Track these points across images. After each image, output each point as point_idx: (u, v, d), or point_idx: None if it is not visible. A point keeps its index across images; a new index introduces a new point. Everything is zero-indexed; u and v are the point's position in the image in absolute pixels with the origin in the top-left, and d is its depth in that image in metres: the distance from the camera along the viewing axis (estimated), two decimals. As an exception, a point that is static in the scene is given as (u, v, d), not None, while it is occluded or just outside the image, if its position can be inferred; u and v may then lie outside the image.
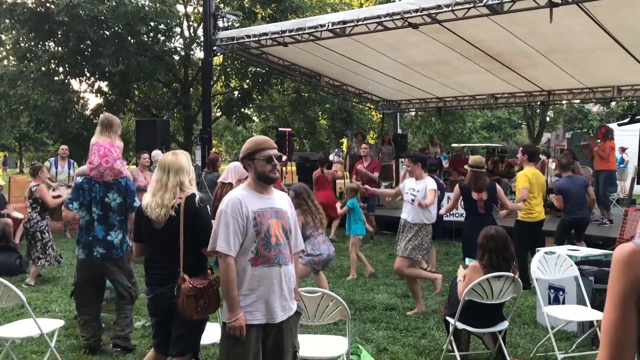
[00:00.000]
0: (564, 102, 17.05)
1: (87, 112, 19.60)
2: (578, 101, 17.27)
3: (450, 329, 4.61)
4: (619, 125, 9.60)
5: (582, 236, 7.89)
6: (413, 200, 6.34)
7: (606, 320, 1.46)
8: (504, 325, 4.60)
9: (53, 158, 11.38)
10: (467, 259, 5.23)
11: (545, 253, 5.35)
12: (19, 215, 10.38)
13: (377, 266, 8.66)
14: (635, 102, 23.23)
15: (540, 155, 7.69)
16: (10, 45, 17.57)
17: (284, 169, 15.04)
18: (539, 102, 16.23)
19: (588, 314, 4.85)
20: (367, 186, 8.40)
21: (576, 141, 21.85)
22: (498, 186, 6.76)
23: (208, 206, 3.72)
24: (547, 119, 29.61)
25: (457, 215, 10.26)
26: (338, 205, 10.05)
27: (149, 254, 3.65)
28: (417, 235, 6.27)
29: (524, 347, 5.16)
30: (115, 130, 5.03)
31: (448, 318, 4.70)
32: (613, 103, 25.08)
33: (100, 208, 4.80)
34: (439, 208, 7.92)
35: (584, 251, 5.98)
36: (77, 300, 5.05)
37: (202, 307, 3.40)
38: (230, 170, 5.72)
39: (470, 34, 10.55)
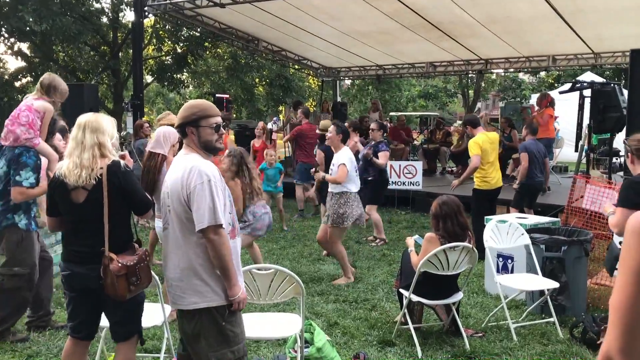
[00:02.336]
0: (501, 70, 17.29)
1: (7, 77, 18.22)
2: (512, 70, 17.59)
3: (404, 302, 4.47)
4: (560, 93, 9.71)
5: (533, 204, 7.87)
6: (331, 173, 6.28)
7: (619, 297, 1.28)
8: (459, 296, 4.50)
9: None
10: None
11: (497, 221, 5.29)
12: None
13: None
14: (562, 73, 23.91)
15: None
16: None
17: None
18: (476, 71, 16.40)
19: (540, 282, 4.82)
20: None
21: (509, 110, 22.32)
22: None
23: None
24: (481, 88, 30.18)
25: (399, 183, 10.18)
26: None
27: (69, 229, 3.20)
28: (340, 204, 6.11)
29: (475, 317, 5.10)
30: (45, 91, 4.42)
31: (402, 290, 4.56)
32: (543, 73, 25.77)
33: None
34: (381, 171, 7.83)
35: (532, 219, 5.97)
36: None
37: (135, 285, 3.05)
38: (160, 138, 4.98)
39: (412, 1, 10.41)
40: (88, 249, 3.07)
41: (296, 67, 17.70)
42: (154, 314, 3.66)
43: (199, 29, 14.11)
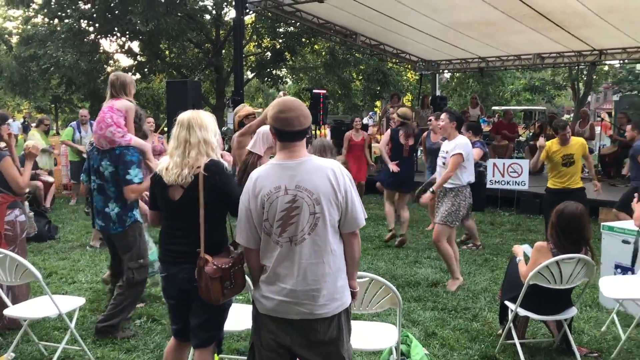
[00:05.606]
0: (617, 62, 15.99)
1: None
2: (629, 61, 16.21)
3: (510, 316, 4.12)
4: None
5: None
6: (444, 164, 5.83)
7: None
8: (572, 312, 4.08)
9: (75, 122, 11.03)
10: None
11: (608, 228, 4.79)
12: (50, 179, 10.18)
13: (418, 237, 8.20)
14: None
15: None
16: (41, 3, 17.21)
17: (318, 132, 14.52)
18: (589, 62, 15.28)
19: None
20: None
21: (625, 104, 20.71)
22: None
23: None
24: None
25: (502, 183, 9.64)
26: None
27: (165, 227, 3.17)
28: (454, 200, 5.76)
29: (589, 334, 4.64)
30: (119, 90, 4.42)
31: (507, 303, 4.21)
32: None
33: (97, 177, 4.37)
34: (479, 173, 7.36)
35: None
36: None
37: (229, 289, 2.95)
38: (259, 137, 4.92)
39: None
40: (183, 248, 3.03)
41: (394, 60, 17.32)
42: (240, 317, 3.56)
43: (297, 25, 14.11)
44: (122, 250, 4.49)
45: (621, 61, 15.34)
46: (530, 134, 16.56)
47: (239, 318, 3.52)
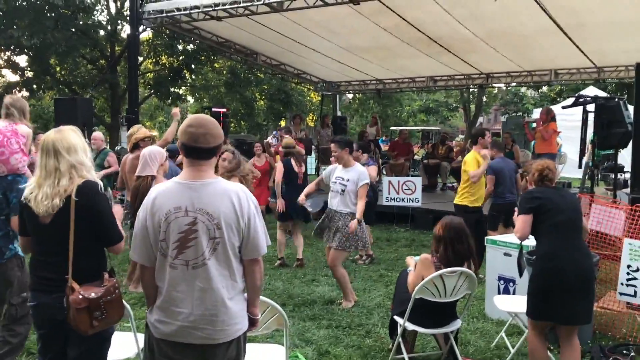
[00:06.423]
0: (503, 85, 17.11)
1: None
2: (515, 84, 17.40)
3: (399, 330, 4.19)
4: (563, 108, 9.45)
5: (510, 222, 7.55)
6: (343, 191, 5.79)
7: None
8: (457, 324, 4.22)
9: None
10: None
11: (489, 242, 5.03)
12: None
13: (317, 255, 8.22)
14: (565, 87, 23.72)
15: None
16: None
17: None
18: (477, 85, 16.21)
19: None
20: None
21: (511, 124, 22.09)
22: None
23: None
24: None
25: (397, 200, 9.94)
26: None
27: (35, 252, 2.94)
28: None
29: (475, 345, 4.82)
30: (19, 113, 4.15)
31: (396, 318, 4.28)
32: (545, 87, 25.58)
33: None
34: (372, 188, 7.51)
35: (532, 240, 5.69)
36: None
37: (99, 320, 2.77)
38: (145, 160, 4.73)
39: (412, 16, 10.27)
40: (54, 276, 2.81)
41: (295, 81, 17.50)
42: (126, 345, 3.39)
43: (196, 42, 13.91)
44: (2, 285, 4.13)
45: (506, 84, 16.41)
46: (425, 153, 17.25)
47: (122, 344, 3.33)
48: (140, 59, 17.84)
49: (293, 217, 7.65)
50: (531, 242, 4.22)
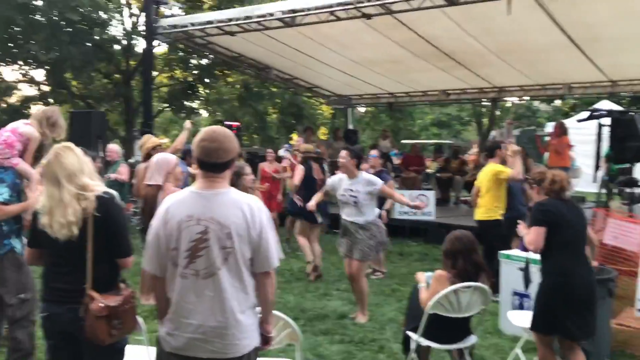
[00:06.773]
0: (516, 98, 17.05)
1: (17, 103, 18.31)
2: (528, 98, 17.33)
3: (412, 346, 4.15)
4: (578, 121, 9.39)
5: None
6: (356, 202, 5.74)
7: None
8: (472, 340, 4.17)
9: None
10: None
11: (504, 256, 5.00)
12: None
13: (328, 268, 8.18)
14: (578, 101, 23.63)
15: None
16: None
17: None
18: (490, 99, 16.17)
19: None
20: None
21: (524, 138, 21.99)
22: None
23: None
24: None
25: (410, 214, 9.89)
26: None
27: (49, 264, 2.94)
28: (373, 235, 5.80)
29: (490, 361, 4.77)
30: (42, 123, 4.26)
31: (410, 333, 4.24)
32: (558, 101, 25.44)
33: None
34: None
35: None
36: None
37: (117, 329, 2.78)
38: (153, 168, 4.75)
39: (424, 30, 10.29)
40: (69, 286, 2.82)
41: (308, 94, 17.57)
42: (138, 358, 3.39)
43: (210, 57, 14.05)
44: None
45: (519, 98, 16.34)
46: (438, 166, 17.18)
47: (133, 358, 3.33)
48: (155, 73, 18.03)
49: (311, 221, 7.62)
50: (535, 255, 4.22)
